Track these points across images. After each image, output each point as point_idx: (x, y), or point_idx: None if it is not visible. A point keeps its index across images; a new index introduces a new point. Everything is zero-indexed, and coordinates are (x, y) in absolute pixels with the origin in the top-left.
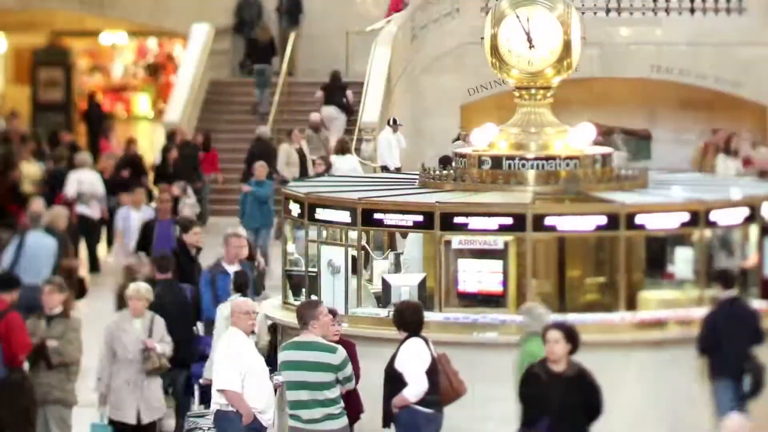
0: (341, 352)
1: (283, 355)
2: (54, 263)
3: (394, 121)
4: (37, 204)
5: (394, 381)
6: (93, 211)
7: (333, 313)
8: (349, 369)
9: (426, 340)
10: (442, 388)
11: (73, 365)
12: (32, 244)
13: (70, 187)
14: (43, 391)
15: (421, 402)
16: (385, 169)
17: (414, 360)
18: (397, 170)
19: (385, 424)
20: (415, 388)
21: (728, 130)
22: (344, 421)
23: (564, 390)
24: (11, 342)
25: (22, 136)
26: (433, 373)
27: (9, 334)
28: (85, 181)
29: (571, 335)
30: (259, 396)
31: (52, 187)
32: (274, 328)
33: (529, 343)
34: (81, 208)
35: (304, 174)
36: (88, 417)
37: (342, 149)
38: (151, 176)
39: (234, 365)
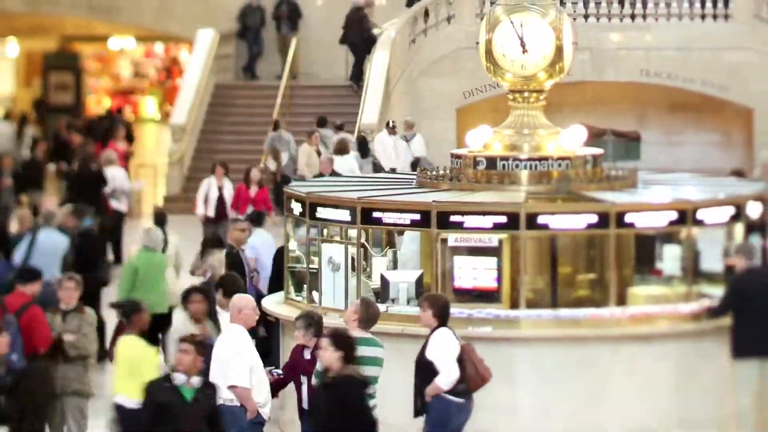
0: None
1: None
2: (68, 260)
3: (393, 125)
4: (50, 202)
5: (425, 371)
6: (122, 205)
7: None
8: None
9: (452, 331)
10: (469, 375)
11: (90, 358)
12: (44, 241)
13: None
14: (61, 384)
15: (452, 391)
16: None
17: (445, 349)
18: (392, 170)
19: (417, 414)
20: (447, 376)
21: None
22: None
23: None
24: (33, 335)
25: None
26: (460, 362)
27: (31, 326)
28: (116, 177)
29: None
30: (260, 390)
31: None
32: (266, 323)
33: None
34: (113, 203)
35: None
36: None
37: (341, 149)
38: None
39: (245, 362)
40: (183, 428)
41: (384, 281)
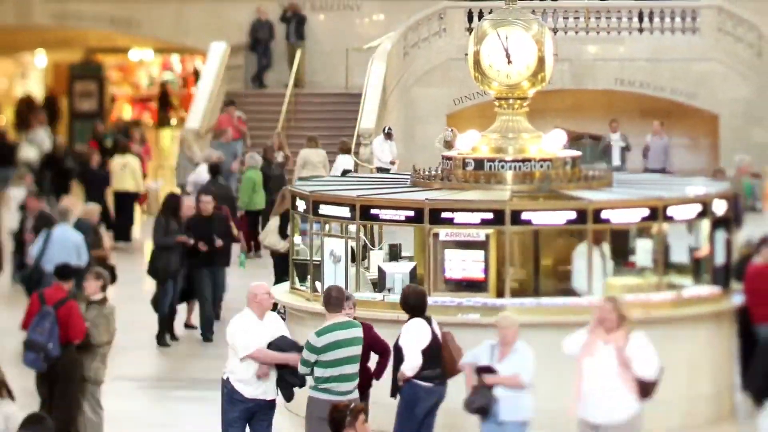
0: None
1: (330, 336)
2: (87, 253)
3: (389, 130)
4: (67, 200)
5: (396, 356)
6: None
7: (348, 297)
8: None
9: (429, 320)
10: (446, 362)
11: (100, 347)
12: (59, 236)
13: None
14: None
15: (421, 376)
16: (381, 170)
17: (411, 338)
18: (388, 170)
19: (392, 395)
20: (408, 362)
21: None
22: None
23: None
24: (69, 327)
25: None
26: (432, 350)
27: (68, 319)
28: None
29: None
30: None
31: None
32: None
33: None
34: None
35: None
36: (124, 391)
37: (343, 149)
38: None
39: (247, 337)
40: None
41: (381, 272)
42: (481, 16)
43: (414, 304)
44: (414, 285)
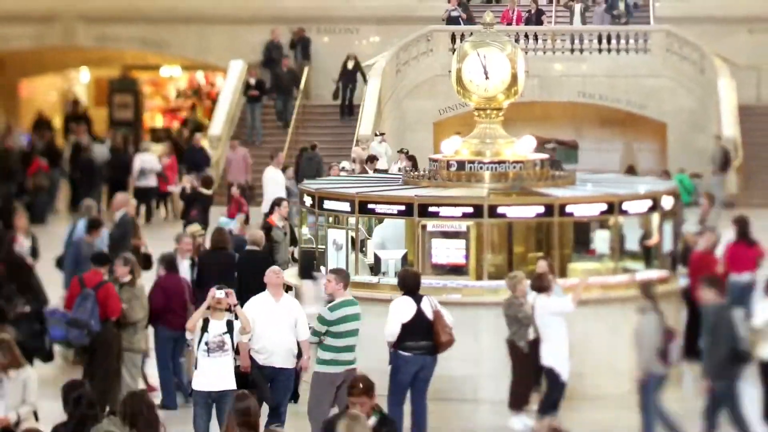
0: None
1: (341, 311)
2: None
3: (381, 134)
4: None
5: None
6: (150, 181)
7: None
8: None
9: (418, 299)
10: (435, 337)
11: (138, 322)
12: (82, 229)
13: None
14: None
15: (403, 347)
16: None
17: (393, 312)
18: (384, 171)
19: (390, 363)
20: (386, 330)
21: None
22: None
23: None
24: (107, 306)
25: None
26: (415, 324)
27: (106, 299)
28: (145, 160)
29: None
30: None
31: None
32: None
33: None
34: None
35: None
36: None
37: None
38: None
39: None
40: None
41: (376, 258)
42: (462, 38)
43: (406, 284)
44: (409, 267)
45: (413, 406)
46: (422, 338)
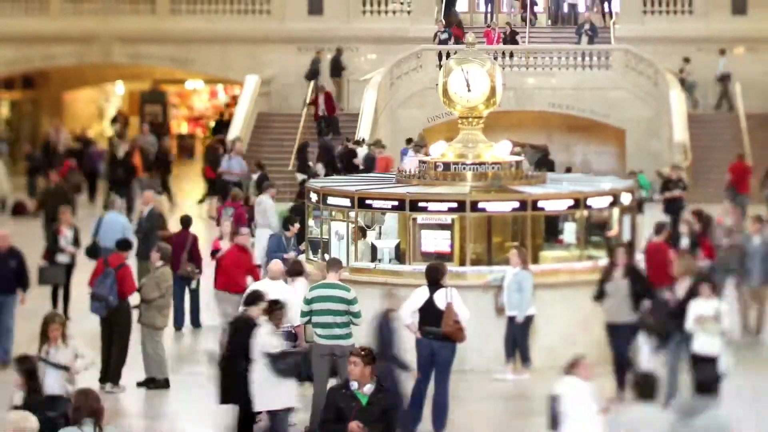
0: (353, 292)
1: (315, 292)
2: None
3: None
4: (113, 195)
5: None
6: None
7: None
8: (357, 307)
9: (434, 290)
10: (444, 326)
11: (154, 301)
12: (108, 220)
13: None
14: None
15: (420, 331)
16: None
17: (408, 299)
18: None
19: None
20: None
21: None
22: (352, 341)
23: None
24: (125, 285)
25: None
26: (426, 311)
27: (124, 279)
28: None
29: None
30: None
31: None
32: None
33: None
34: None
35: None
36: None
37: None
38: None
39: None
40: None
41: (373, 247)
42: (448, 56)
43: (426, 276)
44: (433, 262)
45: (434, 396)
46: (432, 325)
